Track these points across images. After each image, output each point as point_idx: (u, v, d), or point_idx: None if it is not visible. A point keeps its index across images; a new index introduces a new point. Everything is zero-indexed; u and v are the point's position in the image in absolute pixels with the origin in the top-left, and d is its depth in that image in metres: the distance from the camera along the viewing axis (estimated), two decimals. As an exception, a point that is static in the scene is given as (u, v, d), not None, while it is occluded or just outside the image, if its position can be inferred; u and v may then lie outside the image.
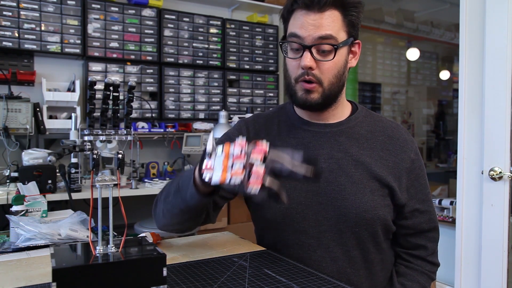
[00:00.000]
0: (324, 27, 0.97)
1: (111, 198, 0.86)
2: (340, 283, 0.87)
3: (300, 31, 0.99)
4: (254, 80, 3.46)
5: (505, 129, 1.84)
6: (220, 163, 0.77)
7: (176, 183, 1.00)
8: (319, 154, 1.06)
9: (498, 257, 1.86)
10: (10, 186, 2.25)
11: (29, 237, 1.16)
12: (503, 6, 1.83)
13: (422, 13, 4.79)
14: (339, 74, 1.02)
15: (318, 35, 0.97)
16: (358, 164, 1.04)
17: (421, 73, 5.19)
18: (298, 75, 1.02)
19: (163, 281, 0.80)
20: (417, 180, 1.10)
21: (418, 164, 1.10)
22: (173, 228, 1.07)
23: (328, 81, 1.01)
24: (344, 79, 1.06)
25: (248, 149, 0.77)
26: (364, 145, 1.07)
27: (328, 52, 0.99)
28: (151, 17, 3.02)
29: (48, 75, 2.78)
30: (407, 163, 1.07)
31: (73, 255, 0.85)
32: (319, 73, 1.00)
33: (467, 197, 2.02)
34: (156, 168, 2.91)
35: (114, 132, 0.84)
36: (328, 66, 1.00)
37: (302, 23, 0.99)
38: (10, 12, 2.57)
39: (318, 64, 1.00)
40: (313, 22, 0.98)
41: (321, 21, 0.97)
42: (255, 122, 1.18)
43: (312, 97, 1.02)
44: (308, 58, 0.98)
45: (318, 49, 0.99)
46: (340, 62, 1.02)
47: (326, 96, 1.02)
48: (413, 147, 1.10)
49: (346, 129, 1.09)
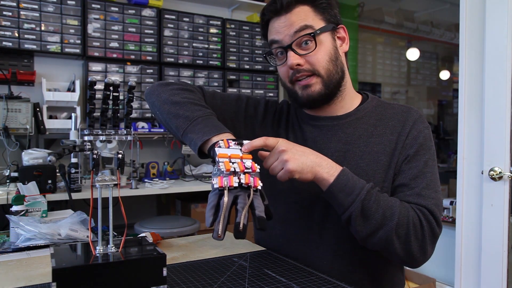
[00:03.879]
0: (296, 22, 0.99)
1: (111, 198, 0.86)
2: (340, 283, 0.87)
3: (276, 36, 1.01)
4: (254, 80, 3.46)
5: (505, 129, 1.84)
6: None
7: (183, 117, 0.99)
8: (327, 148, 1.06)
9: (498, 257, 1.86)
10: (10, 186, 2.25)
11: (29, 237, 1.16)
12: (503, 6, 1.83)
13: (422, 13, 4.79)
14: (332, 59, 1.01)
15: (293, 31, 0.99)
16: (365, 154, 1.03)
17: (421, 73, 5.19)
18: (290, 76, 1.03)
19: (163, 281, 0.80)
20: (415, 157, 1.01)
21: (420, 141, 1.02)
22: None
23: (324, 69, 1.01)
24: (341, 65, 1.04)
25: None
26: (373, 133, 1.04)
27: (310, 42, 0.99)
28: (151, 17, 3.02)
29: (48, 75, 2.78)
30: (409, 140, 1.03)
31: (73, 255, 0.85)
32: (311, 65, 1.00)
33: (467, 197, 2.02)
34: (156, 168, 2.91)
35: (114, 132, 0.84)
36: (317, 56, 1.00)
37: (276, 28, 1.02)
38: (10, 12, 2.57)
39: (305, 59, 1.00)
40: (285, 23, 1.00)
41: (292, 18, 0.99)
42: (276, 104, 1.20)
43: (313, 89, 1.01)
44: (293, 57, 0.99)
45: (299, 44, 0.99)
46: (328, 48, 1.01)
47: (327, 84, 1.02)
48: (421, 127, 1.04)
49: (354, 120, 1.07)
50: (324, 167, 0.92)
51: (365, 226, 0.92)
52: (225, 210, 0.78)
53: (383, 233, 0.92)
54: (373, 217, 0.91)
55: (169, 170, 2.94)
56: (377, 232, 0.92)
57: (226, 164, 0.82)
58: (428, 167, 1.00)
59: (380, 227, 0.91)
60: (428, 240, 0.94)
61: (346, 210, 0.91)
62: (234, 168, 0.82)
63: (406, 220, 0.92)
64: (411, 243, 0.93)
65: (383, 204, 0.92)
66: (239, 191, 0.81)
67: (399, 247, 0.92)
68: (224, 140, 0.89)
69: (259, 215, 0.79)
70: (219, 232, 0.76)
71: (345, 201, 0.91)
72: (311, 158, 0.91)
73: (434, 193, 0.98)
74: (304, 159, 0.90)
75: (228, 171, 0.81)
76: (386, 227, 0.91)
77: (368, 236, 0.93)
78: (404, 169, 1.00)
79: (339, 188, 0.91)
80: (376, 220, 0.91)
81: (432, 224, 0.95)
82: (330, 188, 0.91)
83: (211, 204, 0.80)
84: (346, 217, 0.92)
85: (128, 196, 2.41)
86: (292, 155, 0.89)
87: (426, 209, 0.95)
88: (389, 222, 0.91)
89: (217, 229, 0.76)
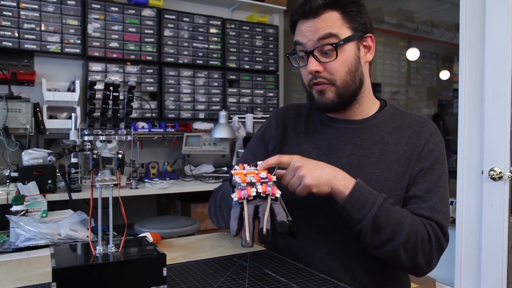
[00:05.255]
0: (321, 28, 0.99)
1: (111, 198, 0.86)
2: (340, 283, 0.87)
3: (301, 39, 1.03)
4: (254, 80, 3.46)
5: (505, 129, 1.84)
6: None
7: (222, 189, 1.13)
8: (341, 150, 1.07)
9: (498, 257, 1.86)
10: (10, 186, 2.25)
11: (29, 237, 1.16)
12: (503, 6, 1.83)
13: (422, 13, 4.79)
14: (350, 71, 1.02)
15: (317, 37, 0.99)
16: (380, 161, 1.04)
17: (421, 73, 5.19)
18: (309, 80, 1.05)
19: (163, 281, 0.80)
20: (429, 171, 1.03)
21: (435, 155, 1.04)
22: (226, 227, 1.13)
23: (341, 79, 1.02)
24: (360, 75, 1.05)
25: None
26: (389, 141, 1.06)
27: (331, 52, 1.00)
28: (151, 17, 3.02)
29: (48, 75, 2.78)
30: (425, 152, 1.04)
31: (73, 255, 0.85)
32: (328, 74, 1.02)
33: (467, 197, 2.02)
34: (156, 168, 2.91)
35: (114, 132, 0.84)
36: (336, 66, 1.01)
37: (301, 31, 1.03)
38: (10, 12, 2.57)
39: (325, 66, 1.01)
40: (311, 28, 1.01)
41: (319, 24, 1.00)
42: (284, 114, 1.22)
43: (327, 97, 1.03)
44: (313, 63, 1.01)
45: (322, 51, 1.00)
46: (349, 59, 1.02)
47: (341, 94, 1.03)
48: (436, 141, 1.06)
49: (371, 126, 1.08)
50: (339, 180, 0.94)
51: (374, 239, 0.94)
52: (248, 218, 0.80)
53: (392, 247, 0.94)
54: (383, 232, 0.94)
55: (169, 170, 2.94)
56: (385, 246, 0.95)
57: (241, 176, 0.85)
58: (442, 181, 1.03)
59: (389, 241, 0.94)
60: (434, 254, 0.97)
61: (358, 224, 0.94)
62: (250, 179, 0.85)
63: (415, 236, 0.95)
64: (417, 256, 0.95)
65: (394, 219, 0.94)
66: (259, 201, 0.83)
67: (405, 259, 0.95)
68: (239, 164, 0.93)
69: (281, 220, 0.81)
70: (247, 239, 0.78)
71: (357, 216, 0.93)
72: (327, 171, 0.93)
73: (446, 208, 1.01)
74: (320, 173, 0.92)
75: (245, 183, 0.84)
76: (395, 241, 0.94)
77: (377, 248, 0.96)
78: (419, 181, 1.02)
79: (352, 203, 0.93)
80: (386, 235, 0.94)
81: (441, 239, 0.98)
82: (344, 202, 0.93)
83: (234, 216, 0.82)
84: (357, 230, 0.95)
85: (128, 196, 2.41)
86: (308, 170, 0.91)
87: (436, 224, 0.98)
88: (399, 237, 0.93)
89: (244, 237, 0.79)
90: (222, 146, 2.94)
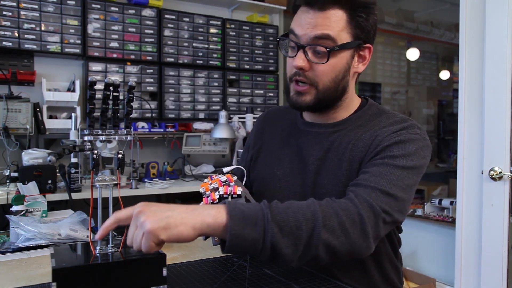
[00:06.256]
0: (321, 26, 0.93)
1: (111, 198, 0.86)
2: (340, 283, 0.87)
3: (297, 29, 0.96)
4: (254, 80, 3.46)
5: (505, 129, 1.84)
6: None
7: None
8: (310, 155, 1.04)
9: (498, 257, 1.86)
10: (10, 186, 2.25)
11: (29, 237, 1.16)
12: (503, 6, 1.83)
13: (422, 13, 4.79)
14: (337, 78, 0.97)
15: (313, 35, 0.93)
16: (343, 163, 0.98)
17: (421, 73, 5.18)
18: (291, 74, 0.99)
19: (163, 281, 0.80)
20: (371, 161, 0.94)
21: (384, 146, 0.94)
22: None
23: (323, 85, 0.97)
24: (345, 84, 0.99)
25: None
26: (355, 142, 0.99)
27: (323, 54, 0.94)
28: (151, 17, 3.02)
29: (48, 75, 2.78)
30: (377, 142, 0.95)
31: (73, 255, 0.85)
32: (313, 75, 0.96)
33: (467, 197, 2.02)
34: (156, 168, 2.91)
35: (114, 132, 0.84)
36: (323, 69, 0.95)
37: (300, 21, 0.96)
38: (10, 12, 2.57)
39: (312, 66, 0.96)
40: (311, 21, 0.94)
41: (320, 20, 0.93)
42: (265, 118, 1.21)
43: (303, 99, 0.98)
44: (300, 58, 0.95)
45: (314, 49, 0.95)
46: (339, 66, 0.96)
47: (320, 99, 0.98)
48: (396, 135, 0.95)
49: (342, 129, 1.03)
50: (200, 214, 0.74)
51: (294, 244, 0.77)
52: None
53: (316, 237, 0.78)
54: (295, 227, 0.77)
55: (169, 170, 2.94)
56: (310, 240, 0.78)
57: (205, 186, 0.91)
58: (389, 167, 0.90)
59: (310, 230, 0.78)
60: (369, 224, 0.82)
61: (264, 242, 0.75)
62: (212, 186, 0.91)
63: (332, 210, 0.81)
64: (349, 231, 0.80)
65: (296, 208, 0.80)
66: (223, 202, 0.82)
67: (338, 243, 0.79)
68: (208, 177, 0.97)
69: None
70: (216, 239, 0.85)
71: (256, 234, 0.75)
72: (180, 211, 0.74)
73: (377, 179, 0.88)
74: (169, 213, 0.73)
75: (208, 190, 0.90)
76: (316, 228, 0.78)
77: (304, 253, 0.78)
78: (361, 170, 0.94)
79: (241, 224, 0.74)
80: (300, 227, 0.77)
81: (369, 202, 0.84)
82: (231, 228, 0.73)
83: None
84: (268, 250, 0.75)
85: (128, 196, 2.41)
86: (150, 214, 0.72)
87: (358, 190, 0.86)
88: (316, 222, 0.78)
89: (213, 237, 0.85)
90: (222, 146, 2.94)
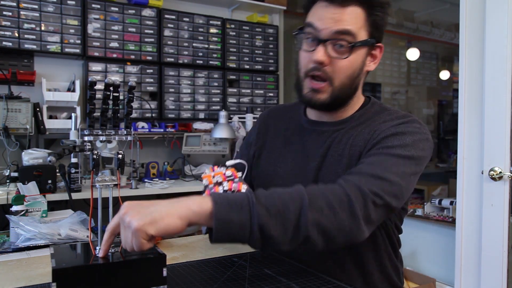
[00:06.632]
0: (343, 21, 0.93)
1: (111, 198, 0.86)
2: (340, 283, 0.87)
3: (318, 23, 0.95)
4: (254, 80, 3.46)
5: (505, 129, 1.84)
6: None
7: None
8: (312, 152, 1.05)
9: (498, 257, 1.86)
10: (10, 186, 2.25)
11: (29, 237, 1.16)
12: (503, 6, 1.83)
13: (422, 13, 4.79)
14: (353, 75, 0.98)
15: (336, 29, 0.93)
16: (343, 158, 0.99)
17: (421, 73, 5.18)
18: (308, 69, 0.98)
19: (163, 281, 0.80)
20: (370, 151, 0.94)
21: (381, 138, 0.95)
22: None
23: (340, 81, 0.97)
24: (358, 82, 1.01)
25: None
26: (356, 138, 1.00)
27: (344, 49, 0.94)
28: (151, 17, 3.02)
29: (48, 75, 2.78)
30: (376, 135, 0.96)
31: (73, 255, 0.85)
32: (332, 70, 0.96)
33: (467, 197, 2.02)
34: (156, 168, 2.91)
35: (114, 132, 0.84)
36: (342, 65, 0.95)
37: (321, 15, 0.95)
38: (10, 12, 2.57)
39: (331, 61, 0.95)
40: (333, 16, 0.94)
41: (342, 16, 0.93)
42: (268, 117, 1.20)
43: (319, 97, 0.98)
44: (322, 52, 0.94)
45: (334, 44, 0.94)
46: (356, 63, 0.97)
47: (335, 97, 0.98)
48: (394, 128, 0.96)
49: (344, 127, 1.04)
50: (184, 203, 0.75)
51: (282, 224, 0.76)
52: None
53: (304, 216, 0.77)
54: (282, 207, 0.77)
55: (169, 170, 2.94)
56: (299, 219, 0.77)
57: (208, 178, 0.89)
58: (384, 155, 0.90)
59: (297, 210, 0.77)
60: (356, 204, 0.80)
61: (251, 224, 0.75)
62: (216, 180, 0.88)
63: (318, 191, 0.80)
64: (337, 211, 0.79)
65: (281, 191, 0.80)
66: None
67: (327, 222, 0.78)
68: (210, 168, 0.94)
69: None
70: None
71: (242, 217, 0.75)
72: (163, 204, 0.75)
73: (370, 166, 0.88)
74: (153, 208, 0.73)
75: (212, 183, 0.88)
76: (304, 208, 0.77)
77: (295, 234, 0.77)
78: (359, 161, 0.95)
79: (226, 209, 0.75)
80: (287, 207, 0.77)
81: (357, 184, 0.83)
82: (217, 213, 0.74)
83: None
84: (256, 233, 0.75)
85: (128, 196, 2.41)
86: (134, 212, 0.73)
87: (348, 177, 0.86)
88: (303, 201, 0.78)
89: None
90: (222, 146, 2.94)
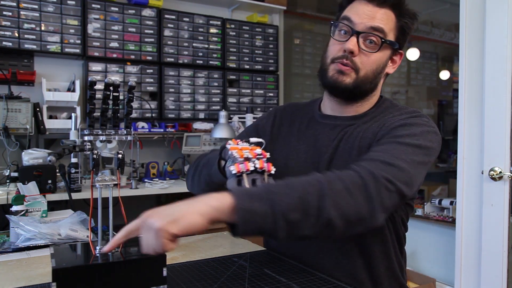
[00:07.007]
0: (378, 20, 1.00)
1: (111, 198, 0.86)
2: (340, 283, 0.87)
3: (354, 17, 1.01)
4: (254, 80, 3.46)
5: (505, 129, 1.84)
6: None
7: (208, 156, 1.09)
8: (325, 145, 1.06)
9: (498, 257, 1.86)
10: (10, 186, 2.25)
11: (29, 237, 1.16)
12: (503, 6, 1.83)
13: (422, 13, 4.79)
14: (376, 71, 1.03)
15: (370, 25, 1.00)
16: (353, 150, 1.02)
17: (421, 73, 5.18)
18: (337, 56, 1.02)
19: (163, 281, 0.80)
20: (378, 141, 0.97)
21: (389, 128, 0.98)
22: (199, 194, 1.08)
23: (365, 73, 1.02)
24: (379, 80, 1.06)
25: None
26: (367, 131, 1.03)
27: (374, 45, 1.01)
28: (151, 17, 3.02)
29: (48, 75, 2.78)
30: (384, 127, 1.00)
31: (73, 255, 0.85)
32: (359, 61, 1.01)
33: (467, 197, 2.02)
34: (156, 168, 2.91)
35: (114, 132, 0.84)
36: (370, 59, 1.01)
37: (358, 11, 1.02)
38: (10, 12, 2.57)
39: (360, 53, 1.01)
40: (370, 13, 1.01)
41: (377, 15, 1.01)
42: (284, 111, 1.23)
43: (344, 79, 1.02)
44: (354, 42, 1.00)
45: (366, 38, 1.01)
46: (381, 61, 1.03)
47: (357, 85, 1.02)
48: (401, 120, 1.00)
49: (357, 123, 1.07)
50: (204, 200, 0.76)
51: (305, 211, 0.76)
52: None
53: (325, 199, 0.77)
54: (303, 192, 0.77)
55: (169, 170, 2.95)
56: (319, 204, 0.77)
57: (239, 151, 0.88)
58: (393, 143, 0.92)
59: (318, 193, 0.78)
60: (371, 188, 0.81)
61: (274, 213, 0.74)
62: (246, 155, 0.87)
63: (334, 176, 0.82)
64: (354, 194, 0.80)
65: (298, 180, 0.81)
66: (255, 175, 0.85)
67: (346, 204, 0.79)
68: (232, 140, 0.95)
69: None
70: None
71: (263, 205, 0.74)
72: (183, 203, 0.76)
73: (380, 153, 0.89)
74: (174, 208, 0.74)
75: (242, 157, 0.86)
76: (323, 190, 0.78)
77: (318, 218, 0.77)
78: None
79: (248, 200, 0.74)
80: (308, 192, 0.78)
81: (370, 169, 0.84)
82: (240, 204, 0.73)
83: (230, 187, 0.85)
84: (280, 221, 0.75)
85: (128, 196, 2.41)
86: (156, 214, 0.73)
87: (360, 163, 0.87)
88: (322, 185, 0.79)
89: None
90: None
